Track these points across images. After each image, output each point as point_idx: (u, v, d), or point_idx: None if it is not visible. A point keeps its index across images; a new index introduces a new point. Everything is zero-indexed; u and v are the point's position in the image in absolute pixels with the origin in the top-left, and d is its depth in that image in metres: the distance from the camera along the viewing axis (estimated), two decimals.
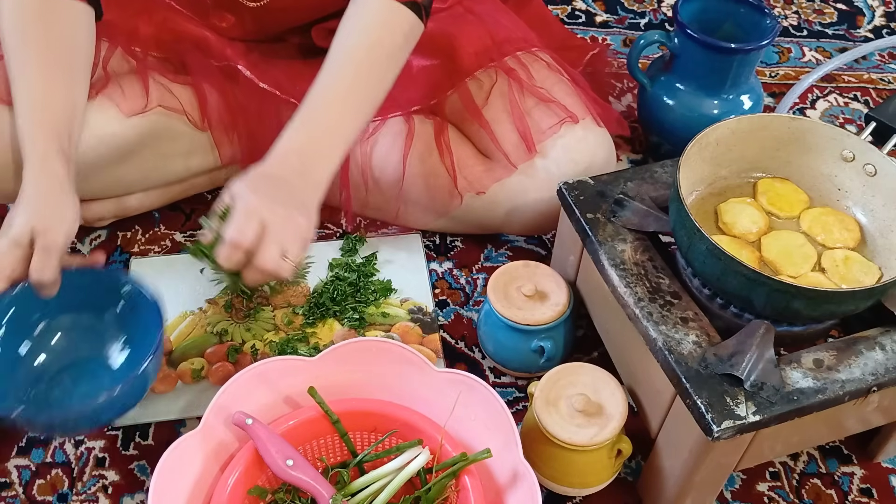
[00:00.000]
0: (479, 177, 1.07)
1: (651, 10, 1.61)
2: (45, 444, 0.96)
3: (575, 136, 1.06)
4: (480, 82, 1.10)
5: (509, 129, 1.06)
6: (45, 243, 0.84)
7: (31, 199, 0.86)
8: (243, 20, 1.10)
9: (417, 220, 1.14)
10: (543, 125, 1.06)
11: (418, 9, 0.97)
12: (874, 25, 1.61)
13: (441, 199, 1.09)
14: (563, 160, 1.06)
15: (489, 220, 1.12)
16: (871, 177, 0.92)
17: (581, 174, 1.02)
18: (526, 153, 1.06)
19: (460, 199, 1.08)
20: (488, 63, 1.09)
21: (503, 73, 1.09)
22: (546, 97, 1.08)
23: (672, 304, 0.86)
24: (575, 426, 0.86)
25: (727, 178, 0.97)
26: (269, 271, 0.84)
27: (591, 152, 1.07)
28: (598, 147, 1.08)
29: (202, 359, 1.03)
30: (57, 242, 0.85)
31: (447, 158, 1.07)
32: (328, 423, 0.86)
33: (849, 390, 0.80)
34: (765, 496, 0.96)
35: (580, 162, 1.06)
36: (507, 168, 1.06)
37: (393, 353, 0.89)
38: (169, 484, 0.79)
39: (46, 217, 0.85)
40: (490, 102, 1.08)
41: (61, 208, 0.87)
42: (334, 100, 0.93)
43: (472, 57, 1.10)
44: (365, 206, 1.13)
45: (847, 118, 1.41)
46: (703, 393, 0.79)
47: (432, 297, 1.11)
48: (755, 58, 1.15)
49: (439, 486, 0.82)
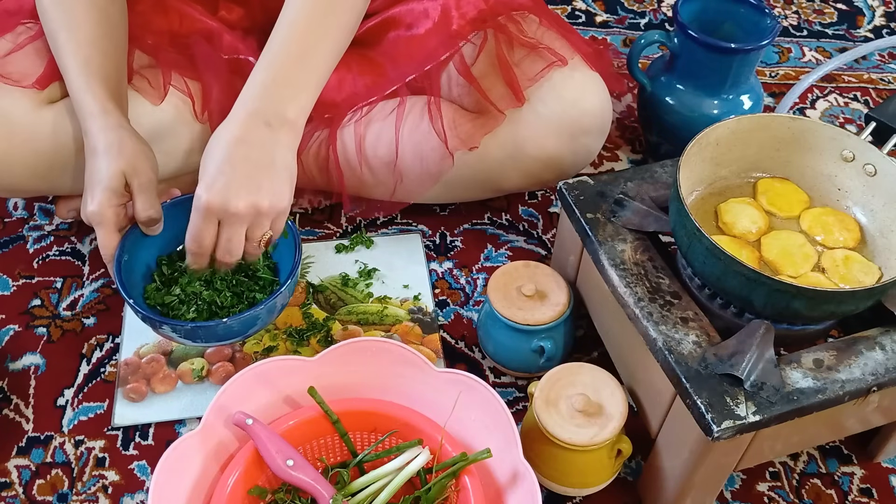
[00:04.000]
0: (470, 132, 1.07)
1: (651, 10, 1.61)
2: (45, 444, 0.96)
3: (561, 75, 1.05)
4: (473, 45, 1.10)
5: (497, 81, 1.06)
6: (142, 183, 0.86)
7: (111, 147, 0.87)
8: (252, 11, 1.10)
9: (413, 193, 1.12)
10: (531, 72, 1.05)
11: None
12: (874, 25, 1.61)
13: (433, 161, 1.08)
14: (549, 98, 1.05)
15: (486, 176, 1.11)
16: (871, 177, 0.92)
17: (569, 111, 1.02)
18: (513, 100, 1.05)
19: (451, 160, 1.07)
20: (482, 26, 1.09)
21: (492, 29, 1.09)
22: (533, 44, 1.07)
23: (672, 304, 0.86)
24: (575, 426, 0.86)
25: (727, 178, 0.97)
26: (230, 262, 0.88)
27: (578, 89, 1.05)
28: (586, 84, 1.06)
29: (202, 359, 1.03)
30: (152, 180, 0.87)
31: (437, 122, 1.06)
32: (328, 423, 0.86)
33: (849, 390, 0.80)
34: (765, 496, 0.96)
35: (566, 98, 1.04)
36: (496, 117, 1.05)
37: (393, 353, 0.89)
38: (169, 484, 0.79)
39: (132, 159, 0.87)
40: (479, 59, 1.08)
41: (143, 148, 0.89)
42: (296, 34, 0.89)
43: (466, 24, 1.10)
44: (361, 186, 1.12)
45: (847, 118, 1.41)
46: (703, 393, 0.79)
47: (432, 297, 1.11)
48: (755, 58, 1.15)
49: (439, 486, 0.82)
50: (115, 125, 0.90)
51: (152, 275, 0.94)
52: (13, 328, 1.06)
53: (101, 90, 0.91)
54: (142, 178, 0.87)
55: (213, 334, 0.88)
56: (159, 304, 0.91)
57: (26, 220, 1.18)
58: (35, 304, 1.09)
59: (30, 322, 1.07)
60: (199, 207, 0.84)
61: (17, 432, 0.97)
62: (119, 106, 0.92)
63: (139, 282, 0.93)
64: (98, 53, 0.94)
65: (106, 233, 0.88)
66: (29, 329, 1.06)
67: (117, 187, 0.86)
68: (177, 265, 0.94)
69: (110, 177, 0.86)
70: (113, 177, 0.86)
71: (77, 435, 0.97)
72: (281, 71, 0.87)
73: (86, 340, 1.05)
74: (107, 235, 0.88)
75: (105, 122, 0.90)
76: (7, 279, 1.11)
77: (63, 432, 0.97)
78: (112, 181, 0.86)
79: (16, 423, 0.98)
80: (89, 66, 0.92)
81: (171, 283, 0.93)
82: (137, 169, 0.87)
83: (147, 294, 0.92)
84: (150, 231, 0.90)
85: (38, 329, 1.06)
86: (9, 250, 1.15)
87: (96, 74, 0.92)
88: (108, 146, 0.88)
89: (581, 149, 1.08)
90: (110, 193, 0.86)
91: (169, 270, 0.94)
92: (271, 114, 0.85)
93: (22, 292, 1.10)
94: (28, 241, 1.16)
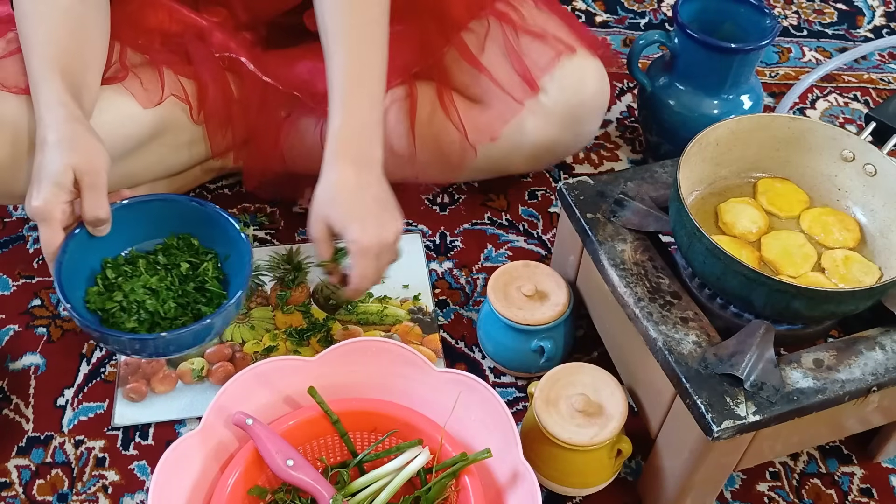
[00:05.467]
0: (490, 122, 1.09)
1: (651, 10, 1.61)
2: (45, 444, 0.96)
3: (562, 63, 1.08)
4: (475, 33, 1.11)
5: (509, 71, 1.08)
6: (92, 181, 0.83)
7: (62, 141, 0.83)
8: (235, 12, 1.10)
9: (433, 179, 1.17)
10: (542, 62, 1.08)
11: None
12: (874, 25, 1.61)
13: (455, 155, 1.10)
14: (551, 87, 1.08)
15: (493, 164, 1.15)
16: (871, 177, 0.92)
17: (571, 99, 1.07)
18: (528, 91, 1.07)
19: (474, 151, 1.10)
20: (479, 13, 1.11)
21: (494, 18, 1.10)
22: (540, 33, 1.09)
23: (672, 304, 0.86)
24: (575, 426, 0.86)
25: (727, 178, 0.97)
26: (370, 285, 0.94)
27: (579, 76, 1.08)
28: (587, 71, 1.09)
29: (202, 359, 1.03)
30: (103, 179, 0.83)
31: (454, 114, 1.09)
32: (328, 423, 0.86)
33: (849, 390, 0.80)
34: (765, 496, 0.96)
35: (568, 87, 1.08)
36: (514, 107, 1.08)
37: (393, 353, 0.89)
38: (169, 484, 0.79)
39: (85, 155, 0.83)
40: (486, 48, 1.09)
41: (96, 145, 0.85)
42: (356, 83, 0.94)
43: (463, 9, 1.11)
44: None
45: (847, 118, 1.41)
46: (703, 393, 0.79)
47: (432, 297, 1.11)
48: (755, 58, 1.15)
49: (439, 486, 0.82)
50: (69, 118, 0.86)
51: (95, 278, 0.91)
52: (13, 328, 1.06)
53: (59, 83, 0.88)
54: (93, 175, 0.83)
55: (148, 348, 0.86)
56: (100, 309, 0.89)
57: (26, 220, 1.18)
58: (35, 304, 1.09)
59: (30, 322, 1.07)
60: (364, 250, 0.89)
61: (17, 432, 0.97)
62: (77, 100, 0.88)
63: (81, 284, 0.89)
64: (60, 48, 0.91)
65: (49, 230, 0.84)
66: (29, 329, 1.06)
67: (65, 183, 0.82)
68: (122, 269, 0.91)
69: (59, 171, 0.82)
70: (62, 172, 0.82)
71: (77, 435, 0.97)
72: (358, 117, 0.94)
73: (86, 340, 1.05)
74: (50, 233, 0.84)
75: (60, 114, 0.86)
76: (7, 279, 1.11)
77: (63, 432, 0.97)
78: (60, 176, 0.82)
79: (16, 423, 0.98)
80: (49, 59, 0.89)
81: (114, 288, 0.90)
82: (89, 166, 0.83)
83: (89, 298, 0.89)
84: (96, 232, 0.86)
85: (38, 329, 1.06)
86: (9, 250, 1.15)
87: (55, 67, 0.89)
88: (60, 139, 0.84)
89: (583, 132, 1.13)
90: (57, 189, 0.82)
91: (113, 275, 0.90)
92: (367, 158, 0.93)
93: (22, 292, 1.10)
94: (28, 241, 1.16)
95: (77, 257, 0.87)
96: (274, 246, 1.15)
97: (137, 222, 0.92)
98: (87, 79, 0.93)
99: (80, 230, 0.86)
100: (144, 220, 0.92)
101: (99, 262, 0.91)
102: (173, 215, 0.93)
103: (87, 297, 0.89)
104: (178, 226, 0.94)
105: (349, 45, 0.95)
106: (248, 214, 1.20)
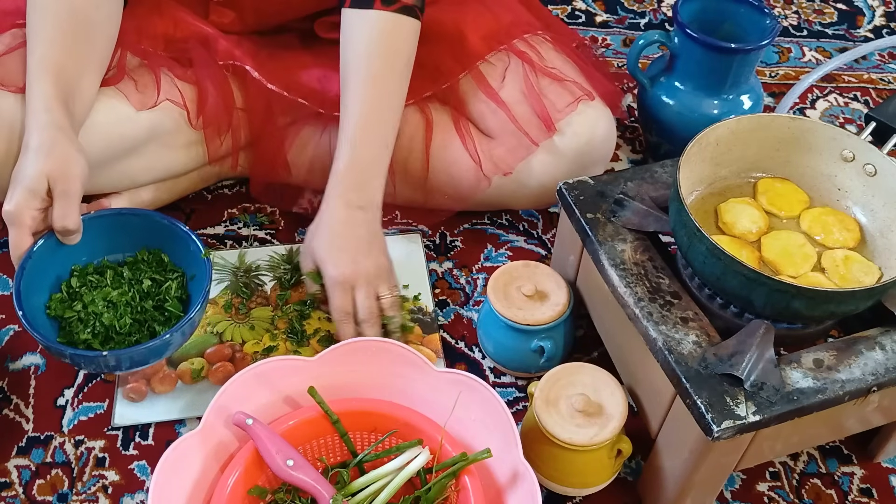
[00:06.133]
0: (504, 157, 1.10)
1: (651, 10, 1.61)
2: (45, 444, 0.96)
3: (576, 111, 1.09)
4: (493, 66, 1.11)
5: (527, 110, 1.08)
6: (65, 189, 0.83)
7: (41, 148, 0.84)
8: (244, 15, 1.10)
9: (440, 205, 1.17)
10: (559, 104, 1.09)
11: (413, 11, 0.99)
12: (874, 25, 1.61)
13: (467, 184, 1.11)
14: (563, 132, 1.09)
15: (497, 200, 1.15)
16: (871, 177, 0.92)
17: (582, 146, 1.08)
18: (545, 131, 1.08)
19: (488, 182, 1.10)
20: (497, 46, 1.12)
21: (515, 55, 1.11)
22: (559, 76, 1.10)
23: (672, 304, 0.86)
24: (575, 426, 0.86)
25: (727, 178, 0.97)
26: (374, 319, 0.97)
27: (591, 124, 1.09)
28: (599, 119, 1.10)
29: (202, 359, 1.03)
30: (76, 188, 0.84)
31: (470, 144, 1.10)
32: (328, 423, 0.86)
33: (849, 390, 0.80)
34: (765, 496, 0.96)
35: (580, 133, 1.09)
36: (528, 147, 1.09)
37: (393, 353, 0.89)
38: (169, 484, 0.79)
39: (60, 164, 0.83)
40: (506, 84, 1.10)
41: (74, 154, 0.85)
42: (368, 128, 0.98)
43: (480, 41, 1.11)
44: (394, 198, 1.14)
45: (847, 118, 1.41)
46: (703, 393, 0.79)
47: (432, 297, 1.11)
48: (755, 58, 1.15)
49: (439, 486, 0.82)
50: (50, 125, 0.86)
51: (61, 285, 0.91)
52: (13, 328, 1.06)
53: (49, 88, 0.88)
54: (65, 184, 0.83)
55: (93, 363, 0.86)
56: (60, 316, 0.89)
57: None
58: None
59: None
60: (336, 281, 0.95)
61: (17, 432, 0.97)
62: (66, 106, 0.89)
63: (46, 289, 0.89)
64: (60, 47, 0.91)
65: (18, 234, 0.84)
66: None
67: (38, 189, 0.82)
68: (87, 279, 0.91)
69: (33, 177, 0.82)
70: (35, 178, 0.82)
71: (77, 435, 0.97)
72: (363, 160, 0.99)
73: None
74: (19, 237, 0.84)
75: (42, 120, 0.86)
76: (7, 279, 1.11)
77: (63, 432, 0.97)
78: (34, 182, 0.82)
79: (16, 423, 0.98)
80: (47, 58, 0.90)
81: (76, 297, 0.90)
82: (63, 174, 0.83)
83: (51, 304, 0.89)
84: (65, 240, 0.86)
85: None
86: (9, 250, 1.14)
87: (50, 68, 0.89)
88: (40, 146, 0.84)
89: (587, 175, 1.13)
90: (29, 195, 0.82)
91: (78, 283, 0.91)
92: (363, 202, 0.98)
93: None
94: None
95: (43, 264, 0.88)
96: (274, 246, 1.15)
97: (109, 234, 0.92)
98: (81, 83, 0.94)
99: (50, 236, 0.87)
100: (116, 233, 0.93)
101: (68, 269, 0.92)
102: (145, 230, 0.94)
103: (50, 303, 0.90)
104: (150, 241, 0.95)
105: (367, 93, 0.98)
106: (247, 214, 1.20)
